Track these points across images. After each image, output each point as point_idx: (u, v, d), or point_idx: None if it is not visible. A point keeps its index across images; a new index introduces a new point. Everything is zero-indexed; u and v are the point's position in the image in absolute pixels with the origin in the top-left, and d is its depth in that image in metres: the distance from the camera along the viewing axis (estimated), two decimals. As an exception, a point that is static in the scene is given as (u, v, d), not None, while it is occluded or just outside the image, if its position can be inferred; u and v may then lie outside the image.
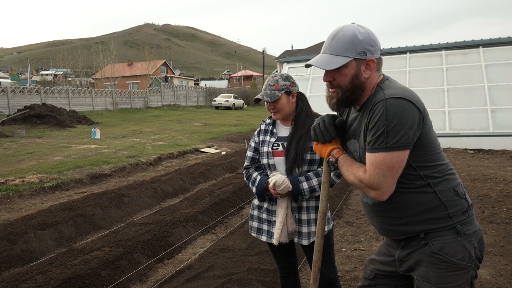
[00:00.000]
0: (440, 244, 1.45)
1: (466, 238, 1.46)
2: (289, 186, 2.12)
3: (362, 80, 1.50)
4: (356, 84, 1.50)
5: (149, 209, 5.84)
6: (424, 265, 1.48)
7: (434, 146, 1.48)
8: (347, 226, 4.74)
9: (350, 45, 1.46)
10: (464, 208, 1.49)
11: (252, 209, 2.41)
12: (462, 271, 1.45)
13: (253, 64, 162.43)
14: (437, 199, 1.46)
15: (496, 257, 3.67)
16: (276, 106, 2.23)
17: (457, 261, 1.44)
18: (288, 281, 2.42)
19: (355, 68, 1.48)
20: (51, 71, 69.68)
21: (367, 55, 1.47)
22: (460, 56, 12.01)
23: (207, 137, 14.33)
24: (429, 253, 1.47)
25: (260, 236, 2.34)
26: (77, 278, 3.31)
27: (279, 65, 25.26)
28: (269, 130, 2.33)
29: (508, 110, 10.34)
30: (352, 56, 1.46)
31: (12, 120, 16.90)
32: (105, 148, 10.84)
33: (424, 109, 1.44)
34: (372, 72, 1.51)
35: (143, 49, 69.36)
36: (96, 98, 26.93)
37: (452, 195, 1.48)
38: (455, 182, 1.51)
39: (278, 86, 2.22)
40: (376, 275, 1.72)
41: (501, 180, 6.61)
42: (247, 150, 2.42)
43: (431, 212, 1.47)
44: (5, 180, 6.76)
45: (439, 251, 1.45)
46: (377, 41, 1.51)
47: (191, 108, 35.40)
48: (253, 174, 2.31)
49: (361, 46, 1.46)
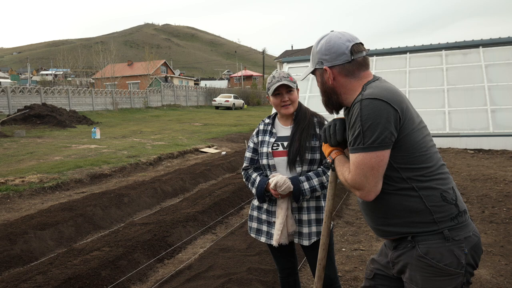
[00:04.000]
0: (426, 248, 1.43)
1: (455, 243, 1.42)
2: (290, 186, 2.10)
3: (330, 86, 1.58)
4: (327, 90, 1.60)
5: (149, 209, 5.84)
6: (412, 269, 1.47)
7: (418, 148, 1.44)
8: (347, 226, 4.74)
9: (312, 56, 1.63)
10: (453, 214, 1.44)
11: (251, 210, 2.40)
12: (450, 277, 1.41)
13: (253, 64, 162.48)
14: (421, 204, 1.43)
15: (496, 257, 3.67)
16: (291, 98, 2.20)
17: (444, 266, 1.40)
18: (288, 282, 2.42)
19: (320, 76, 1.61)
20: (51, 71, 69.68)
21: (323, 64, 1.56)
22: (460, 56, 12.01)
23: (207, 137, 14.33)
24: (416, 257, 1.45)
25: (260, 237, 2.32)
26: (77, 278, 3.31)
27: (279, 65, 25.26)
28: (268, 130, 2.30)
29: (508, 110, 10.34)
30: (313, 66, 1.62)
31: (12, 120, 16.90)
32: (105, 148, 10.84)
33: (402, 109, 1.41)
34: (335, 77, 1.55)
35: (143, 49, 69.34)
36: (96, 98, 26.92)
37: (438, 200, 1.43)
38: (445, 186, 1.46)
39: (292, 79, 2.22)
40: (375, 275, 1.72)
41: (501, 180, 6.61)
42: (246, 151, 2.40)
43: (415, 216, 1.44)
44: (5, 180, 6.76)
45: (425, 255, 1.42)
46: (334, 48, 1.53)
47: (191, 108, 35.40)
48: (253, 175, 2.29)
49: (317, 57, 1.58)
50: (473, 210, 5.10)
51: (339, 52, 1.53)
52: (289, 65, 14.88)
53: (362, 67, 1.55)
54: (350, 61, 1.53)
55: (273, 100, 2.23)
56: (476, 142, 10.18)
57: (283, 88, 2.19)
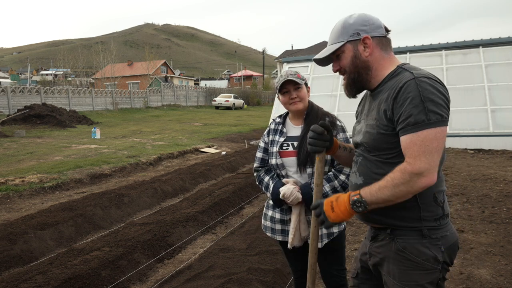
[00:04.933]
0: (403, 243, 1.46)
1: (431, 241, 1.44)
2: (298, 197, 2.07)
3: (364, 59, 1.52)
4: (358, 65, 1.52)
5: (149, 209, 5.84)
6: (390, 262, 1.49)
7: None
8: (347, 226, 4.74)
9: (342, 30, 1.53)
10: (438, 215, 1.46)
11: (266, 208, 2.36)
12: (427, 271, 1.44)
13: (253, 64, 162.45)
14: (413, 199, 1.43)
15: (496, 257, 3.67)
16: (299, 95, 2.15)
17: (422, 260, 1.43)
18: (302, 282, 2.37)
19: (352, 50, 1.52)
20: (51, 71, 69.70)
21: (361, 35, 1.50)
22: (460, 56, 12.01)
23: (207, 137, 14.33)
24: (394, 250, 1.48)
25: (275, 236, 2.29)
26: (77, 278, 3.31)
27: (279, 65, 25.26)
28: (278, 130, 2.27)
29: (508, 110, 10.34)
30: (345, 39, 1.51)
31: (12, 120, 16.89)
32: (105, 148, 10.84)
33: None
34: (373, 49, 1.52)
35: (143, 49, 69.37)
36: (96, 98, 26.91)
37: (429, 200, 1.45)
38: (438, 188, 1.47)
39: (299, 76, 2.19)
40: (358, 274, 1.74)
41: (501, 180, 6.61)
42: (257, 151, 2.37)
43: (403, 210, 1.45)
44: (5, 180, 6.76)
45: (403, 249, 1.45)
46: (372, 20, 1.52)
47: (191, 108, 35.39)
48: (265, 179, 2.26)
49: (352, 28, 1.51)
50: (473, 210, 5.10)
51: (377, 24, 1.53)
52: (289, 65, 14.87)
53: (391, 47, 1.58)
54: (385, 36, 1.54)
55: (282, 98, 2.20)
56: (476, 142, 10.18)
57: (290, 85, 2.15)
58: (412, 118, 1.34)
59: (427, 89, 1.35)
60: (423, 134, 1.33)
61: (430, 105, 1.33)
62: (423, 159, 1.32)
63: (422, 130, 1.33)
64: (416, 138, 1.33)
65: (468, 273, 3.35)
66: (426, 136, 1.32)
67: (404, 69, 1.48)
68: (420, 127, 1.33)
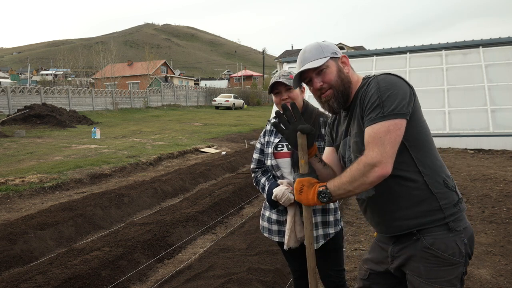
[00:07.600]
0: (432, 240, 1.49)
1: (457, 234, 1.50)
2: (290, 198, 2.06)
3: (346, 74, 1.61)
4: (344, 78, 1.60)
5: (149, 209, 5.84)
6: (416, 260, 1.51)
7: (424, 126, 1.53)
8: (347, 226, 4.74)
9: (321, 49, 1.61)
10: (455, 200, 1.52)
11: (263, 209, 2.37)
12: (453, 266, 1.48)
13: (253, 64, 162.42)
14: (427, 190, 1.49)
15: (496, 257, 3.67)
16: (291, 96, 2.15)
17: (448, 256, 1.47)
18: (302, 283, 2.37)
19: (336, 65, 1.61)
20: (51, 71, 69.70)
21: (338, 54, 1.62)
22: (460, 56, 12.01)
23: (207, 137, 14.33)
24: (421, 248, 1.50)
25: (272, 237, 2.30)
26: (77, 278, 3.31)
27: (279, 65, 25.25)
28: (273, 131, 2.28)
29: (508, 110, 10.34)
30: (328, 55, 1.59)
31: (12, 120, 16.89)
32: (105, 148, 10.84)
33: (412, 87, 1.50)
34: (349, 67, 1.64)
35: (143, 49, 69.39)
36: (96, 98, 26.92)
37: (442, 186, 1.51)
38: (445, 173, 1.55)
39: (292, 77, 2.17)
40: (370, 275, 1.74)
41: (501, 180, 6.62)
42: (253, 152, 2.37)
43: (422, 204, 1.49)
44: (5, 180, 6.76)
45: (431, 246, 1.48)
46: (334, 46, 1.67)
47: (191, 108, 35.40)
48: (261, 180, 2.27)
49: (329, 49, 1.62)
50: (473, 210, 5.10)
51: (337, 49, 1.66)
52: (289, 65, 14.87)
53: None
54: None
55: (274, 99, 2.22)
56: (476, 142, 10.18)
57: (281, 86, 2.16)
58: (372, 113, 1.45)
59: (384, 85, 1.45)
60: (377, 126, 1.42)
61: (385, 100, 1.43)
62: (376, 150, 1.39)
63: (376, 123, 1.42)
64: (371, 130, 1.43)
65: (468, 273, 3.35)
66: (379, 129, 1.41)
67: (369, 77, 1.59)
68: (375, 120, 1.43)
